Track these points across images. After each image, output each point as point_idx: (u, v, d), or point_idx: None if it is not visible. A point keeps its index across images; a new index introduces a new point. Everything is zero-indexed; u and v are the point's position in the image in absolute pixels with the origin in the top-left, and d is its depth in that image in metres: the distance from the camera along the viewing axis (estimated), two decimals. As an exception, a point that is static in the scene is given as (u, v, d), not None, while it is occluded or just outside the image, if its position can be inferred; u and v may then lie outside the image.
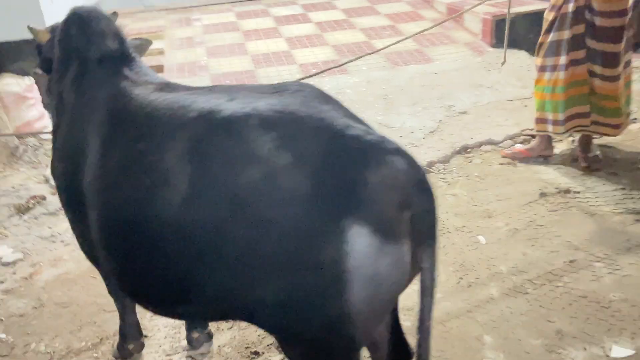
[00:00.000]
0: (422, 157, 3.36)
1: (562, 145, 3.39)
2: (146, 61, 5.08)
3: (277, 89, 1.23)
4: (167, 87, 1.42)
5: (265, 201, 1.05)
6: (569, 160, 3.25)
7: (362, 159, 1.05)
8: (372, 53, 4.17)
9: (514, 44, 4.77)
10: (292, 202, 1.03)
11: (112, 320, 2.21)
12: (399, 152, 1.09)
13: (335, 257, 1.02)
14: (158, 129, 1.22)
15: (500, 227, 2.73)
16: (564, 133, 3.13)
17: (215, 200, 1.09)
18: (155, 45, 5.31)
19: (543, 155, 3.29)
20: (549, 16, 2.99)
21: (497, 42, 4.84)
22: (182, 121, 1.18)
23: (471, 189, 3.08)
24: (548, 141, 3.28)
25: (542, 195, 2.94)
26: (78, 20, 1.54)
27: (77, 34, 1.54)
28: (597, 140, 3.28)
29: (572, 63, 2.94)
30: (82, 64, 1.52)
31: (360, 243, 1.01)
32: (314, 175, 1.04)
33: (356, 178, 1.03)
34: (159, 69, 4.79)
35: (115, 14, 2.01)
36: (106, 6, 6.45)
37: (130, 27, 5.88)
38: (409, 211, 1.06)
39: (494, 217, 2.81)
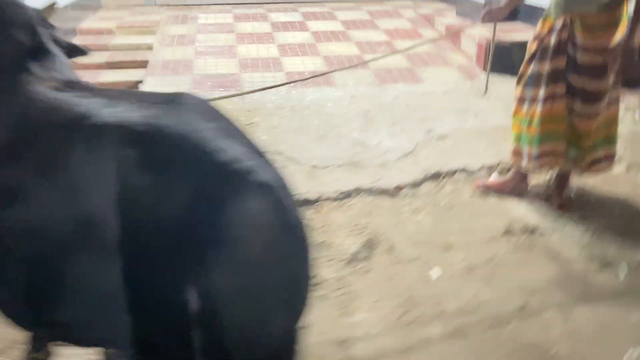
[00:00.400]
0: (392, 179, 3.25)
1: (539, 181, 3.26)
2: (133, 55, 4.99)
3: (166, 100, 1.11)
4: (70, 86, 1.30)
5: (113, 226, 0.93)
6: (543, 197, 3.11)
7: (225, 190, 0.94)
8: (354, 66, 4.08)
9: (508, 71, 4.65)
10: (142, 230, 0.92)
11: (29, 324, 2.10)
12: (267, 186, 0.97)
13: (185, 298, 0.90)
14: (31, 131, 1.11)
15: (457, 262, 2.60)
16: (537, 169, 3.00)
17: (66, 218, 0.98)
18: (145, 40, 5.28)
19: (517, 190, 3.16)
20: (531, 46, 2.87)
21: (491, 69, 4.72)
22: (53, 125, 1.07)
23: (436, 218, 2.95)
24: (523, 175, 3.15)
25: (507, 232, 2.80)
26: (-13, 9, 1.44)
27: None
28: (575, 180, 3.15)
29: (551, 97, 2.81)
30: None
31: (210, 284, 0.90)
32: (171, 203, 0.92)
33: (215, 211, 0.92)
34: (143, 64, 4.71)
35: (51, 6, 1.91)
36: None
37: (125, 20, 5.83)
38: (271, 255, 0.94)
39: (452, 251, 2.68)
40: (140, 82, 4.36)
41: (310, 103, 4.14)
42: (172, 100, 1.10)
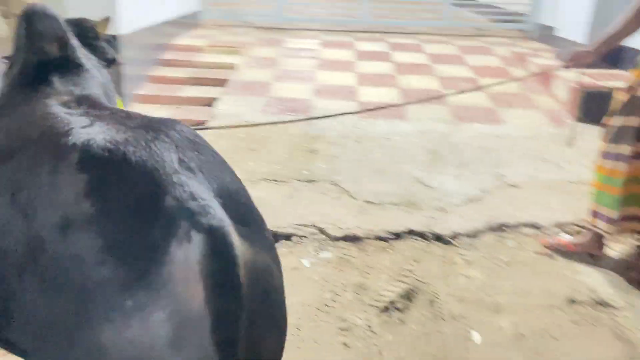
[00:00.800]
0: (448, 225, 3.03)
1: (616, 248, 2.89)
2: (216, 74, 5.12)
3: (147, 126, 1.05)
4: (79, 102, 1.29)
5: (54, 254, 0.88)
6: (621, 267, 2.74)
7: (169, 228, 0.86)
8: (425, 100, 3.90)
9: (599, 121, 4.25)
10: (78, 262, 0.85)
11: None
12: (214, 230, 0.86)
13: (113, 342, 0.82)
14: (11, 144, 1.09)
15: (504, 327, 2.33)
16: (616, 234, 2.65)
17: (16, 241, 0.94)
18: (230, 59, 5.43)
19: (590, 254, 2.82)
20: (621, 97, 2.57)
21: (582, 116, 4.34)
22: (29, 141, 1.05)
23: (490, 274, 2.68)
24: (599, 239, 2.80)
25: (569, 300, 2.48)
26: (25, 18, 1.48)
27: (21, 32, 1.47)
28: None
29: (637, 156, 2.49)
30: (20, 64, 1.45)
31: (141, 329, 0.81)
32: (110, 235, 0.86)
33: (155, 249, 0.84)
34: (223, 82, 4.84)
35: (106, 19, 1.96)
36: (207, 17, 6.55)
37: (217, 39, 6.05)
38: (209, 309, 0.84)
39: (501, 314, 2.41)
40: (216, 99, 4.46)
41: (377, 135, 4.01)
42: (151, 126, 1.04)
